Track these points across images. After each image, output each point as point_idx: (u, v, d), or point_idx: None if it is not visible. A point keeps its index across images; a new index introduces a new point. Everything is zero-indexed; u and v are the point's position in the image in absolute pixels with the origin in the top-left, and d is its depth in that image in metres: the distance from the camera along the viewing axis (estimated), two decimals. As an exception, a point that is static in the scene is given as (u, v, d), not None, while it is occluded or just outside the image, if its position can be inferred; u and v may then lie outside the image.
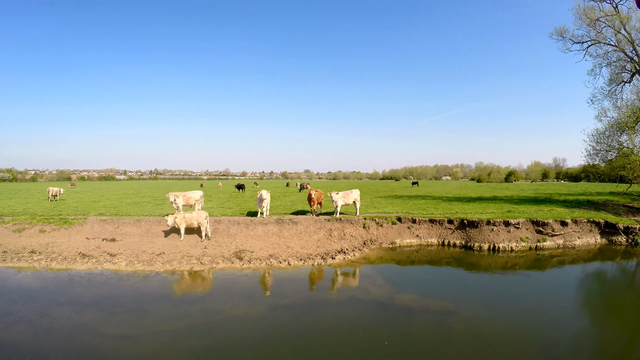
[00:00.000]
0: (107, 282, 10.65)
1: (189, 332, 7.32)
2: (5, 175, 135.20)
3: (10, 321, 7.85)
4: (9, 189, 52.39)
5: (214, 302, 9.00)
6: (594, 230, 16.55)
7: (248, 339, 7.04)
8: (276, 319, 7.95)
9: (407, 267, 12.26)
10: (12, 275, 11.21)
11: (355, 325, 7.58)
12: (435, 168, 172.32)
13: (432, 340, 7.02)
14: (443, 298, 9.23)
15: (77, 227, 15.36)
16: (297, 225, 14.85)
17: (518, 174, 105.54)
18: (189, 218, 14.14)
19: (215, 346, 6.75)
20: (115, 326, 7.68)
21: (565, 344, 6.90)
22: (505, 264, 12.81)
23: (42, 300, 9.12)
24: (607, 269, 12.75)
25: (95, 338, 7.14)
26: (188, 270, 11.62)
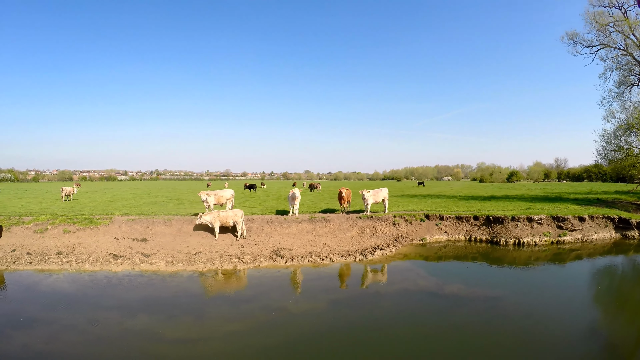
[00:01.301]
0: (150, 283, 10.34)
1: (257, 331, 7.22)
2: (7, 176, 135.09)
3: (55, 330, 7.22)
4: (16, 189, 52.33)
5: (271, 299, 9.02)
6: (609, 225, 17.42)
7: (317, 333, 7.17)
8: (339, 313, 8.22)
9: (443, 262, 12.89)
10: (43, 279, 10.68)
11: (415, 312, 8.26)
12: (436, 168, 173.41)
13: (487, 321, 7.78)
14: (486, 287, 9.98)
15: (103, 227, 15.05)
16: (330, 223, 15.46)
17: (520, 174, 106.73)
18: (224, 217, 14.22)
19: (287, 342, 6.74)
20: (176, 329, 7.33)
21: (603, 323, 7.88)
22: (532, 257, 13.55)
23: (85, 305, 8.62)
24: (625, 261, 13.60)
25: (158, 344, 6.74)
26: (231, 270, 11.65)
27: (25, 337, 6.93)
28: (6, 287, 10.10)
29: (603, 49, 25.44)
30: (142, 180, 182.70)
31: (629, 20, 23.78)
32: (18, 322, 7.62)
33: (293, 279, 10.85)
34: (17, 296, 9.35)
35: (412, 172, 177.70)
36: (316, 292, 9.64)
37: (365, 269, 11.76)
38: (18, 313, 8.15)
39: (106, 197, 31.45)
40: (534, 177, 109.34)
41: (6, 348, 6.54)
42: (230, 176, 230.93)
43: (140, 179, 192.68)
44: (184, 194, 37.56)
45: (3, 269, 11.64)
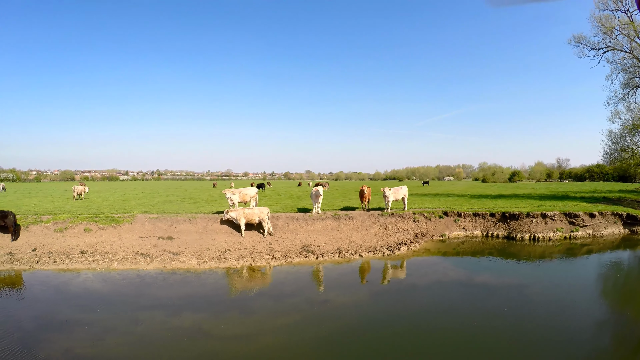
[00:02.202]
0: (185, 281, 10.32)
1: (306, 323, 7.40)
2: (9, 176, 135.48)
3: (98, 332, 7.00)
4: (21, 188, 52.21)
5: (312, 293, 9.30)
6: (617, 221, 18.19)
7: (363, 322, 7.49)
8: (381, 304, 8.66)
9: (466, 256, 13.51)
10: (72, 279, 10.51)
11: (452, 300, 8.91)
12: (437, 168, 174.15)
13: (519, 306, 8.50)
14: (512, 277, 10.72)
15: (126, 226, 14.91)
16: (354, 220, 16.10)
17: (521, 174, 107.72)
18: (250, 213, 14.40)
19: (337, 332, 6.98)
20: (226, 326, 7.32)
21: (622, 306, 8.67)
22: (548, 251, 14.25)
23: (123, 304, 8.43)
24: (636, 255, 14.35)
25: (210, 340, 6.70)
26: (264, 266, 11.82)
27: (67, 341, 6.62)
28: (33, 288, 9.80)
29: (609, 52, 26.19)
30: (144, 180, 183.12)
31: (635, 23, 24.54)
32: (56, 325, 7.30)
33: (328, 273, 11.25)
34: (48, 297, 9.02)
35: (414, 172, 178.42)
36: (354, 285, 10.14)
37: (394, 263, 12.38)
38: (53, 315, 7.83)
39: (116, 196, 31.65)
40: (536, 177, 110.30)
41: (48, 353, 6.18)
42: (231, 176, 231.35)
43: (142, 179, 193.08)
44: (195, 193, 38.08)
45: (26, 269, 11.46)
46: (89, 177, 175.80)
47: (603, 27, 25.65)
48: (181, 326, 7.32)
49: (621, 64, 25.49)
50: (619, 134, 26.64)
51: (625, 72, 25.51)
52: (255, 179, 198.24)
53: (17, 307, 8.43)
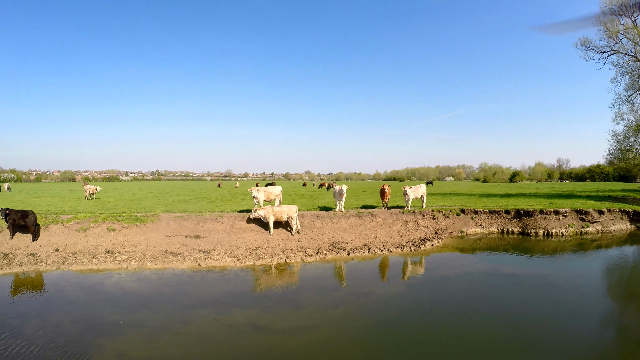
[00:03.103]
0: (225, 278, 10.37)
1: (356, 314, 7.76)
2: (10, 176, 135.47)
3: (150, 333, 6.86)
4: (26, 189, 51.77)
5: (354, 286, 9.67)
6: (624, 218, 19.10)
7: (408, 310, 8.02)
8: (420, 293, 9.26)
9: (487, 251, 14.24)
10: (104, 279, 10.32)
11: (485, 289, 9.69)
12: (437, 169, 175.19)
13: (543, 292, 9.40)
14: (534, 268, 11.55)
15: (150, 225, 14.78)
16: (377, 218, 16.80)
17: (522, 175, 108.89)
18: (278, 211, 14.65)
19: (386, 321, 7.42)
20: (280, 320, 7.45)
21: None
22: (562, 246, 15.06)
23: (167, 304, 8.33)
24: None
25: (267, 335, 6.79)
26: (299, 262, 12.08)
27: (118, 344, 6.42)
28: (65, 289, 9.46)
29: (614, 55, 27.08)
30: (144, 180, 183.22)
31: (639, 28, 25.43)
32: (101, 328, 7.08)
33: (362, 268, 11.71)
34: (82, 299, 8.77)
35: (414, 172, 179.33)
36: (390, 278, 10.75)
37: (422, 257, 13.09)
38: (94, 317, 7.62)
39: (126, 196, 31.49)
40: (537, 177, 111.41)
41: (102, 359, 5.98)
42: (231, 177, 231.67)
43: (143, 179, 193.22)
44: (205, 193, 38.44)
45: (52, 270, 11.18)
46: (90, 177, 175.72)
47: (608, 31, 26.53)
48: (235, 323, 7.33)
49: (625, 67, 26.39)
50: (623, 134, 27.53)
51: (629, 74, 26.41)
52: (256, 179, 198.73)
53: (52, 310, 8.07)
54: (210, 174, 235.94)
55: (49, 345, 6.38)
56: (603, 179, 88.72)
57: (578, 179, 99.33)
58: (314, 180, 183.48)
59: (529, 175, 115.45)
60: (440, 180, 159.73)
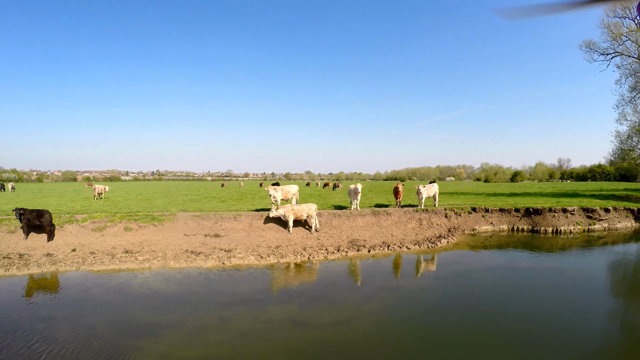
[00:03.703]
0: (253, 276, 10.49)
1: (389, 307, 8.10)
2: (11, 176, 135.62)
3: (188, 332, 6.82)
4: (30, 188, 51.40)
5: (382, 281, 10.06)
6: (629, 216, 19.70)
7: (439, 303, 8.43)
8: (447, 286, 9.65)
9: (501, 247, 14.74)
10: (129, 279, 10.17)
11: (506, 281, 10.25)
12: (438, 169, 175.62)
13: (562, 281, 10.14)
14: (549, 262, 12.18)
15: (168, 224, 14.75)
16: (392, 216, 17.30)
17: (523, 174, 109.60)
18: (298, 210, 14.88)
19: (419, 312, 7.84)
20: (317, 315, 7.59)
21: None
22: (572, 242, 15.60)
23: (201, 303, 8.30)
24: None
25: (308, 329, 6.92)
26: (323, 260, 12.31)
27: (159, 346, 6.28)
28: (90, 290, 9.25)
29: (617, 57, 27.67)
30: (145, 180, 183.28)
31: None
32: (137, 329, 6.95)
33: (385, 264, 12.07)
34: (111, 299, 8.59)
35: (414, 172, 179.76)
36: (415, 273, 11.19)
37: (440, 254, 13.57)
38: (128, 318, 7.47)
39: (133, 195, 31.35)
40: (538, 177, 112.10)
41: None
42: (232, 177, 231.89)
43: (144, 179, 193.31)
44: (213, 192, 38.61)
45: (72, 270, 11.02)
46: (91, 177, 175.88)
47: (612, 34, 27.13)
48: (273, 319, 7.40)
49: (629, 69, 26.99)
50: (627, 134, 28.13)
51: (633, 76, 27.02)
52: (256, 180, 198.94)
53: (81, 312, 7.83)
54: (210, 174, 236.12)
55: (84, 350, 6.12)
56: (604, 178, 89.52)
57: (579, 178, 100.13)
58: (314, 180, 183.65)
59: (530, 175, 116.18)
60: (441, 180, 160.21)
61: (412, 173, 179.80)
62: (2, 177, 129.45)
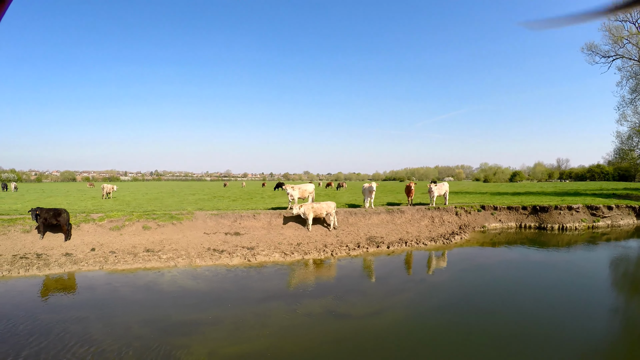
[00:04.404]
0: (280, 272, 10.70)
1: (417, 299, 8.58)
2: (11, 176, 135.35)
3: (230, 329, 6.90)
4: (32, 188, 51.16)
5: (406, 275, 10.58)
6: (631, 213, 20.48)
7: (463, 293, 8.92)
8: (469, 278, 10.27)
9: (512, 243, 15.39)
10: (156, 278, 10.11)
11: (523, 273, 10.95)
12: (436, 169, 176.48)
13: (574, 273, 10.87)
14: (559, 256, 12.97)
15: (187, 223, 14.84)
16: (405, 214, 17.91)
17: (522, 174, 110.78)
18: (318, 208, 15.17)
19: (446, 304, 8.22)
20: (352, 307, 7.93)
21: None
22: (577, 238, 16.35)
23: (236, 299, 8.41)
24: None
25: (348, 320, 7.24)
26: (345, 256, 12.68)
27: (204, 343, 6.32)
28: (119, 290, 9.14)
29: (618, 59, 28.47)
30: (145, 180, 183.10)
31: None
32: (177, 328, 6.92)
33: (407, 259, 12.59)
34: (142, 298, 8.53)
35: (413, 172, 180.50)
36: (435, 267, 11.76)
37: (455, 250, 14.14)
38: (164, 317, 7.41)
39: (140, 195, 31.26)
40: (538, 177, 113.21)
41: (193, 359, 5.83)
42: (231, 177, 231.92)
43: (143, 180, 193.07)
44: (219, 192, 38.74)
45: (96, 269, 10.93)
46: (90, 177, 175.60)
47: (613, 37, 27.90)
48: (312, 312, 7.61)
49: (630, 71, 27.77)
50: (627, 135, 28.93)
51: (633, 78, 27.80)
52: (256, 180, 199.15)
53: (113, 312, 7.75)
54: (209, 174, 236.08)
55: (127, 350, 6.03)
56: (603, 178, 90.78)
57: (578, 178, 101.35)
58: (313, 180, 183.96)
59: (529, 175, 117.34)
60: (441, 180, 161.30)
61: (410, 173, 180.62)
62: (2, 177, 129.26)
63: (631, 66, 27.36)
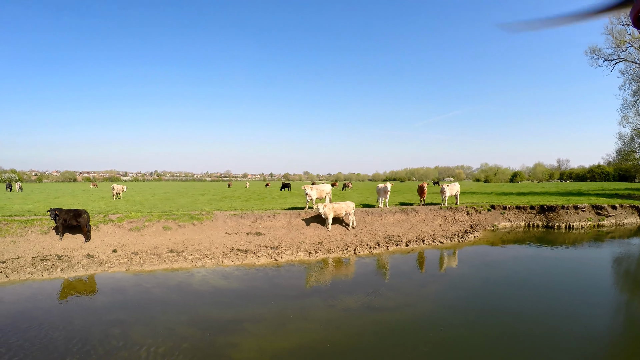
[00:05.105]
0: (309, 271, 10.98)
1: (444, 291, 9.17)
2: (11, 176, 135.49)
3: (273, 325, 6.99)
4: (37, 189, 51.11)
5: (431, 271, 11.23)
6: (634, 212, 21.21)
7: (485, 286, 9.71)
8: (485, 272, 10.96)
9: (522, 241, 16.02)
10: (187, 278, 10.10)
11: (538, 268, 11.68)
12: (436, 169, 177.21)
13: (587, 265, 11.95)
14: (567, 253, 13.74)
15: (207, 223, 15.01)
16: (419, 214, 18.53)
17: (522, 175, 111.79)
18: (338, 208, 15.61)
19: (471, 295, 8.87)
20: (387, 301, 8.42)
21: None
22: (584, 236, 17.07)
23: (271, 297, 8.57)
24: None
25: (382, 313, 7.64)
26: (368, 254, 13.04)
27: (251, 340, 6.44)
28: (150, 291, 9.06)
29: (621, 63, 29.23)
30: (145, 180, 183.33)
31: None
32: (221, 327, 6.99)
33: (426, 256, 13.09)
34: (177, 298, 8.52)
35: (413, 173, 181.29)
36: (454, 262, 12.41)
37: (470, 247, 14.71)
38: (205, 317, 7.47)
39: (149, 196, 31.28)
40: (538, 178, 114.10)
41: (243, 357, 5.93)
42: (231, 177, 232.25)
43: (144, 180, 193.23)
44: (227, 192, 39.14)
45: (122, 271, 10.80)
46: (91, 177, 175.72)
47: (616, 40, 28.64)
48: (349, 307, 7.98)
49: (632, 75, 28.54)
50: (629, 136, 29.70)
51: (635, 81, 28.57)
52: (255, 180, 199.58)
53: (151, 313, 7.66)
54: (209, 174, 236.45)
55: (176, 351, 6.01)
56: (603, 178, 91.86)
57: (579, 179, 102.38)
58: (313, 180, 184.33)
59: (529, 175, 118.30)
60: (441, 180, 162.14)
61: (410, 173, 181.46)
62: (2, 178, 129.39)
63: (634, 69, 28.18)
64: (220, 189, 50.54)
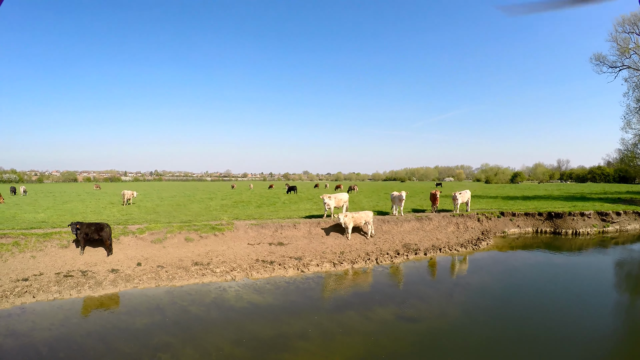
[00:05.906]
0: (339, 282, 11.27)
1: (471, 298, 9.75)
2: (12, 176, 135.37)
3: (319, 339, 7.18)
4: (41, 191, 50.33)
5: (452, 279, 11.75)
6: (637, 219, 21.93)
7: (509, 291, 10.50)
8: (504, 280, 11.60)
9: (533, 247, 16.68)
10: (220, 294, 10.02)
11: (550, 272, 12.54)
12: (436, 169, 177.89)
13: (597, 269, 12.84)
14: (577, 259, 14.58)
15: (228, 233, 14.86)
16: (432, 221, 19.10)
17: (523, 175, 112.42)
18: (357, 217, 15.79)
19: (498, 299, 9.70)
20: (418, 311, 8.76)
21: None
22: (591, 242, 17.78)
23: (308, 311, 8.82)
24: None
25: (416, 324, 8.00)
26: (389, 264, 13.24)
27: (303, 356, 6.62)
28: (187, 308, 8.90)
29: (625, 70, 29.96)
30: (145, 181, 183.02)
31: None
32: (270, 344, 7.12)
33: (444, 264, 13.63)
34: (217, 316, 8.50)
35: (413, 172, 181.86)
36: (477, 268, 13.03)
37: (486, 254, 15.33)
38: (250, 335, 7.49)
39: (158, 201, 30.80)
40: (538, 178, 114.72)
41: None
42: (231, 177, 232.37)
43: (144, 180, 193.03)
44: (235, 195, 38.94)
45: (152, 287, 10.53)
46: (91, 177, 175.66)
47: (620, 48, 29.33)
48: (384, 318, 8.30)
49: (636, 82, 29.26)
50: (632, 142, 30.47)
51: (639, 89, 29.27)
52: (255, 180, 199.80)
53: (194, 333, 7.63)
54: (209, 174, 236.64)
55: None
56: (604, 179, 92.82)
57: (579, 179, 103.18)
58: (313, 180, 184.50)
59: (530, 176, 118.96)
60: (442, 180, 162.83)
61: (410, 173, 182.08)
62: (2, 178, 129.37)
63: (638, 77, 28.88)
64: (225, 191, 50.36)
